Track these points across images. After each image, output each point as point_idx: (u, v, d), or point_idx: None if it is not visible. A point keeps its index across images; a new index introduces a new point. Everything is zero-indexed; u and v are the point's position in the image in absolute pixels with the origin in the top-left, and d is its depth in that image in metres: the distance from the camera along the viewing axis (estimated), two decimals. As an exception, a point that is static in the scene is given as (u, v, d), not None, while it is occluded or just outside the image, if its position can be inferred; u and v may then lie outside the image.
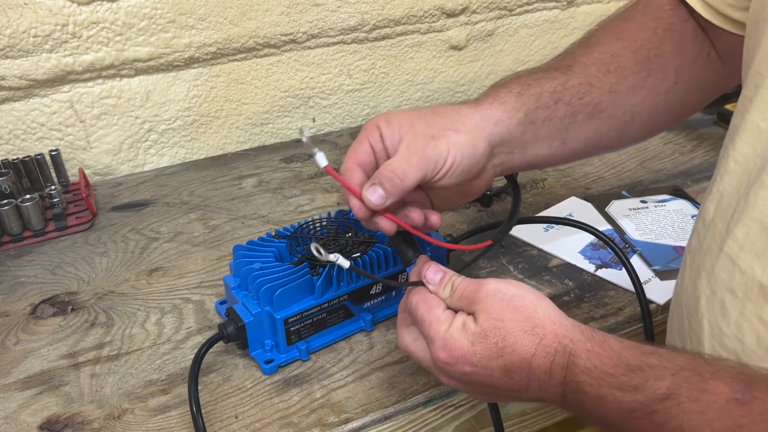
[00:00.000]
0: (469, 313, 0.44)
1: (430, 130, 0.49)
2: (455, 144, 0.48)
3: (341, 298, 0.59)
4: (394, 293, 0.63)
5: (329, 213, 0.68)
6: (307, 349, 0.59)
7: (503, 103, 0.52)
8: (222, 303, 0.66)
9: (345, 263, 0.47)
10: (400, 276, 0.63)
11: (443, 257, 0.66)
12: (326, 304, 0.59)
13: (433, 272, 0.47)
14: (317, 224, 0.66)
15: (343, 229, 0.65)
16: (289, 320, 0.57)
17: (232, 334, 0.57)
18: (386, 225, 0.48)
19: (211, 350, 0.61)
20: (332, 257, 0.46)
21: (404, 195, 0.48)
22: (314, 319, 0.59)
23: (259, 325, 0.57)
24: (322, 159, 0.45)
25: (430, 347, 0.44)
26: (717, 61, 0.59)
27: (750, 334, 0.39)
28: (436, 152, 0.48)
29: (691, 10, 0.57)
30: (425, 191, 0.54)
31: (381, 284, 0.61)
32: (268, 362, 0.58)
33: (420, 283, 0.47)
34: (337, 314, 0.60)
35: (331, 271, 0.58)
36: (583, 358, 0.39)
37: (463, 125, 0.50)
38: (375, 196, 0.46)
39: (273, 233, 0.64)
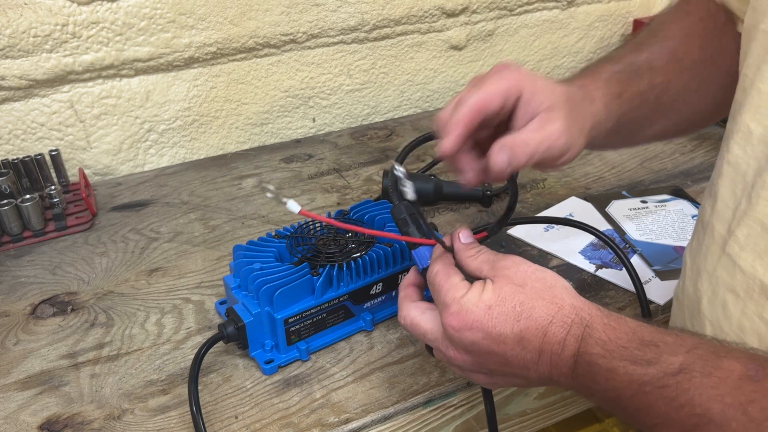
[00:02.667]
0: (489, 279, 0.43)
1: (567, 121, 0.48)
2: (575, 148, 0.49)
3: (341, 298, 0.59)
4: (394, 293, 0.63)
5: (329, 213, 0.68)
6: (307, 349, 0.59)
7: (606, 107, 0.52)
8: (222, 303, 0.66)
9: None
10: (400, 276, 0.63)
11: None
12: (326, 305, 0.59)
13: (465, 235, 0.47)
14: (317, 224, 0.66)
15: (342, 229, 0.65)
16: (289, 320, 0.57)
17: (232, 334, 0.57)
18: (470, 176, 0.48)
19: (211, 350, 0.61)
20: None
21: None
22: (314, 319, 0.59)
23: (258, 326, 0.57)
24: (294, 206, 0.45)
25: (444, 314, 0.43)
26: None
27: (751, 333, 0.40)
28: (561, 147, 0.47)
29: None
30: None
31: (381, 282, 0.61)
32: (268, 362, 0.58)
33: (449, 250, 0.47)
34: (337, 314, 0.60)
35: (332, 272, 0.58)
36: (599, 330, 0.39)
37: (585, 127, 0.50)
38: (503, 159, 0.45)
39: (273, 233, 0.64)
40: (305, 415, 0.53)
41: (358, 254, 0.61)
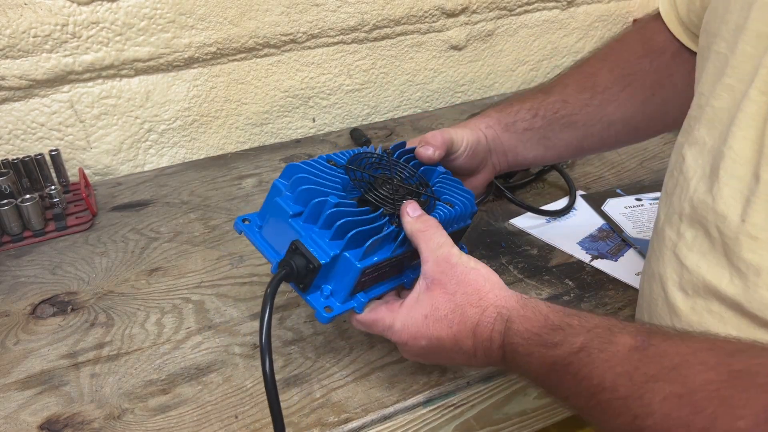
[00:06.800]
0: (425, 284, 0.49)
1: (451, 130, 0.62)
2: (467, 132, 0.63)
3: (405, 254, 0.53)
4: None
5: (380, 148, 0.61)
6: (363, 302, 0.53)
7: (488, 117, 0.67)
8: (244, 220, 0.55)
9: None
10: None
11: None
12: (395, 259, 0.53)
13: (413, 208, 0.52)
14: (370, 158, 0.58)
15: (396, 170, 0.58)
16: (366, 270, 0.50)
17: (301, 270, 0.48)
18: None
19: (210, 349, 0.61)
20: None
21: (445, 150, 0.59)
22: (381, 271, 0.53)
23: (330, 269, 0.50)
24: None
25: (390, 334, 0.50)
26: None
27: (699, 328, 0.44)
28: (455, 132, 0.62)
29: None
30: None
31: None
32: (327, 310, 0.50)
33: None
34: (393, 268, 0.54)
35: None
36: (516, 323, 0.45)
37: (467, 125, 0.65)
38: (428, 151, 0.58)
39: (325, 157, 0.56)
40: (305, 414, 0.54)
41: (426, 208, 0.55)
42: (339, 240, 0.50)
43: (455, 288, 0.48)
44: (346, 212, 0.50)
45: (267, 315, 0.46)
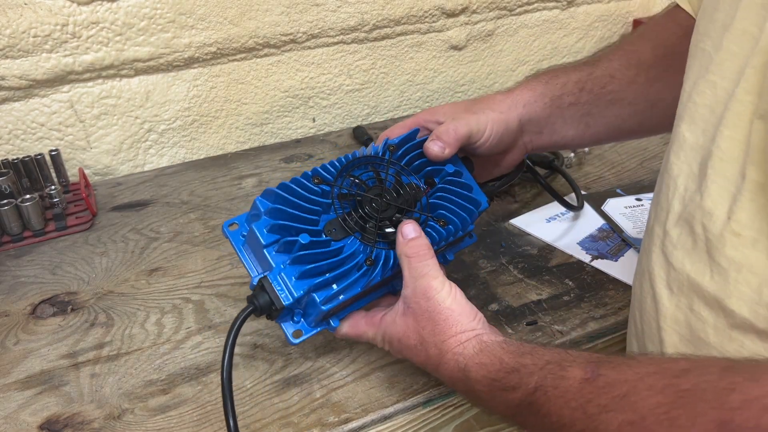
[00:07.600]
0: (402, 305, 0.51)
1: (470, 109, 0.59)
2: (492, 118, 0.58)
3: (385, 281, 0.54)
4: None
5: (384, 143, 0.57)
6: (335, 326, 0.54)
7: (532, 90, 0.62)
8: (231, 225, 0.55)
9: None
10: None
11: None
12: (369, 288, 0.53)
13: (409, 229, 0.52)
14: (367, 164, 0.55)
15: (392, 178, 0.55)
16: (332, 309, 0.52)
17: (264, 307, 0.50)
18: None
19: (210, 349, 0.61)
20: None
21: (458, 147, 0.56)
22: (352, 300, 0.53)
23: (296, 305, 0.51)
24: None
25: (378, 345, 0.54)
26: None
27: (684, 325, 0.44)
28: (476, 121, 0.57)
29: None
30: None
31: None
32: (296, 335, 0.52)
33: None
34: (372, 288, 0.55)
35: (384, 255, 0.53)
36: (473, 371, 0.46)
37: (498, 106, 0.60)
38: (436, 147, 0.55)
39: (311, 173, 0.54)
40: (305, 414, 0.54)
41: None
42: (307, 279, 0.50)
43: (425, 323, 0.49)
44: (316, 256, 0.50)
45: (229, 351, 0.48)
